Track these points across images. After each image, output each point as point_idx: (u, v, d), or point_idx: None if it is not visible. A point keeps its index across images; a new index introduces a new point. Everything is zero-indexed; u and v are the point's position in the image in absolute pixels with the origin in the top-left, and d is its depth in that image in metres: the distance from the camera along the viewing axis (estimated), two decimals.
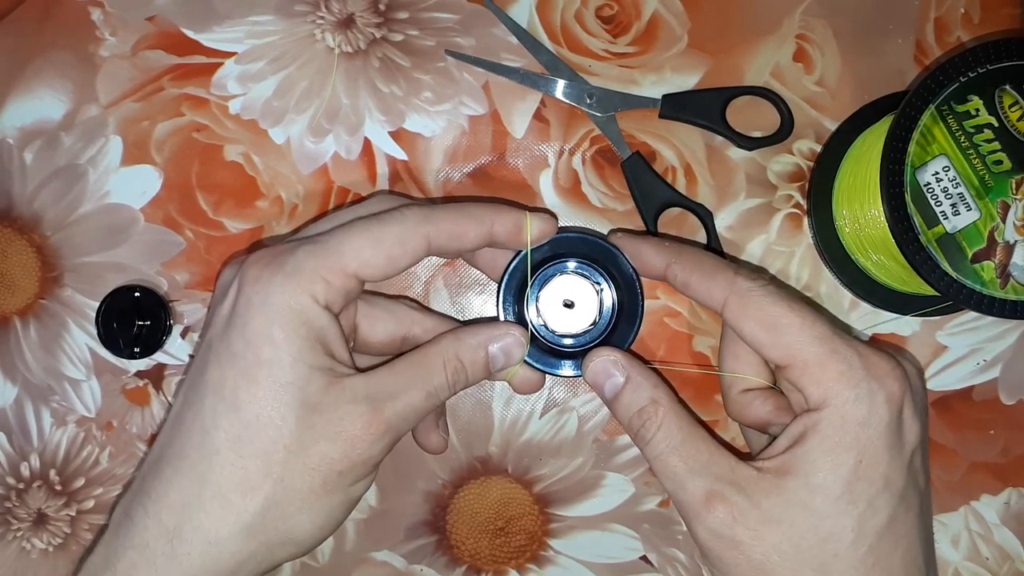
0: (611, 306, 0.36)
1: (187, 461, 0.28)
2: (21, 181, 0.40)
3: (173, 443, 0.29)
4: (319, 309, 0.29)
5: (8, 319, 0.41)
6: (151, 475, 0.29)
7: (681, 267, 0.33)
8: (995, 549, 0.41)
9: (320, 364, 0.29)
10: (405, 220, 0.30)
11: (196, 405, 0.29)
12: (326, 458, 0.28)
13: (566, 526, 0.41)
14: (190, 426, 0.29)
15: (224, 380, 0.28)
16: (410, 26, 0.40)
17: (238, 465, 0.28)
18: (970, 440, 0.40)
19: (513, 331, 0.33)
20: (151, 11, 0.40)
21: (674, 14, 0.40)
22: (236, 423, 0.28)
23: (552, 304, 0.36)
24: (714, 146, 0.40)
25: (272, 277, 0.29)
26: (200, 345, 0.31)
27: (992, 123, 0.32)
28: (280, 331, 0.28)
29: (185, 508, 0.28)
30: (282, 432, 0.28)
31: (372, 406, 0.29)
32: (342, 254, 0.29)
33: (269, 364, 0.28)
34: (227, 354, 0.28)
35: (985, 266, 0.32)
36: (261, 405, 0.28)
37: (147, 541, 0.28)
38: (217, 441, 0.28)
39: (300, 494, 0.28)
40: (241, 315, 0.29)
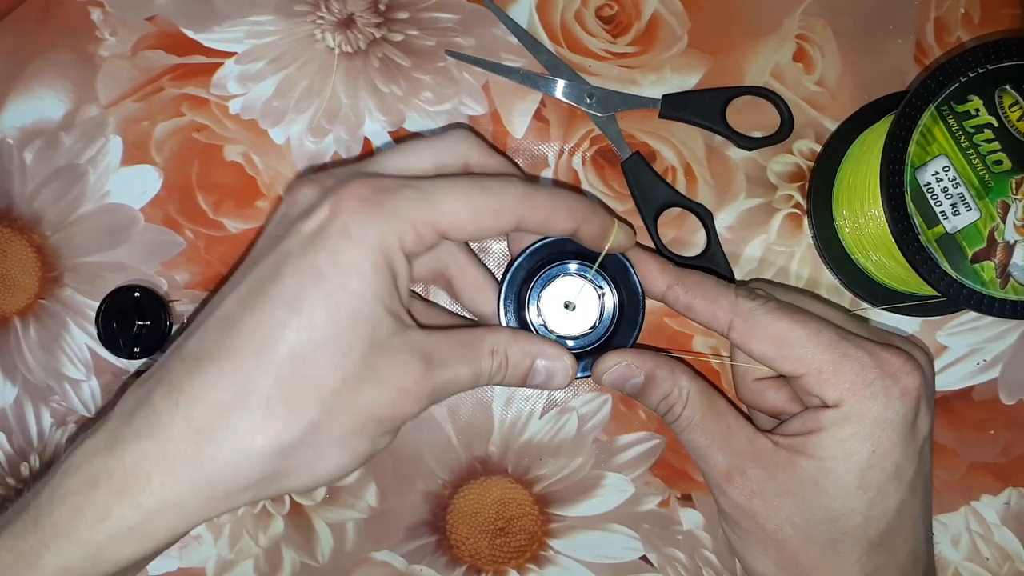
0: (612, 308, 0.36)
1: (239, 364, 0.26)
2: (21, 181, 0.40)
3: (223, 343, 0.27)
4: (403, 256, 0.28)
5: (8, 319, 0.41)
6: (187, 370, 0.27)
7: (684, 290, 0.34)
8: (995, 549, 0.41)
9: (394, 309, 0.28)
10: (507, 195, 0.29)
11: (262, 311, 0.27)
12: (373, 401, 0.28)
13: (566, 526, 0.41)
14: (251, 331, 0.27)
15: (303, 296, 0.27)
16: (410, 26, 0.40)
17: (293, 383, 0.26)
18: (970, 440, 0.40)
19: (566, 358, 0.32)
20: (151, 11, 0.40)
21: (674, 14, 0.40)
22: (305, 341, 0.26)
23: (553, 305, 0.36)
24: (714, 146, 0.40)
25: (372, 212, 0.27)
26: (263, 251, 0.29)
27: (992, 123, 0.32)
28: (370, 267, 0.27)
29: (224, 411, 0.26)
30: (345, 363, 0.27)
31: (426, 365, 0.29)
32: (441, 212, 0.28)
33: (354, 294, 0.27)
34: (312, 272, 0.27)
35: (985, 266, 0.32)
36: (336, 329, 0.27)
37: (169, 436, 0.26)
38: (280, 353, 0.26)
39: (339, 428, 0.27)
40: (334, 238, 0.27)
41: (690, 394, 0.33)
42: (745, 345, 0.33)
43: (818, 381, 0.31)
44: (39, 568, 0.25)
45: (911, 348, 0.33)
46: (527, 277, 0.35)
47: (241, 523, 0.41)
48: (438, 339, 0.30)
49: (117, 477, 0.26)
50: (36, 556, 0.25)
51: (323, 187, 0.29)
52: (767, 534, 0.32)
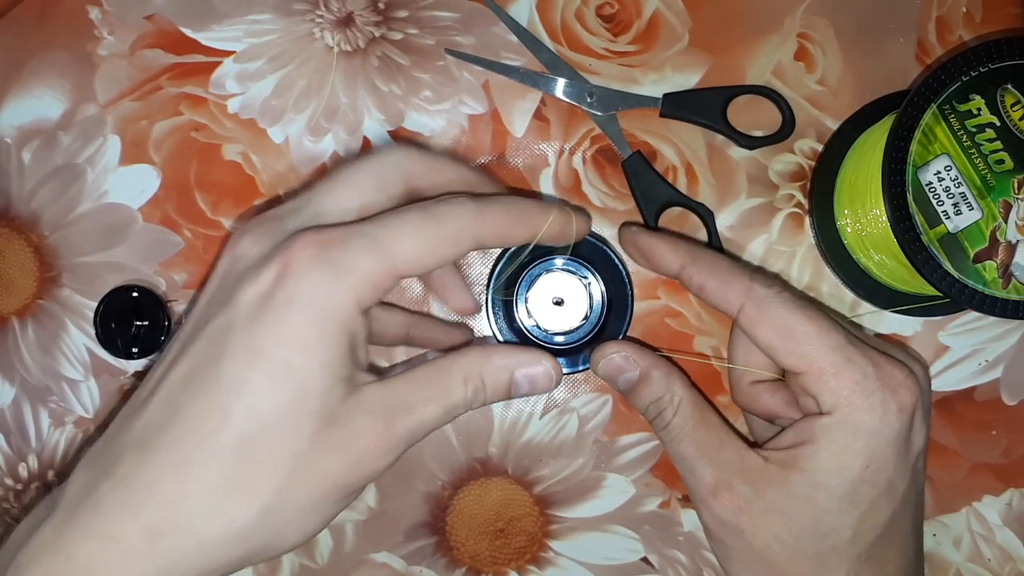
0: (601, 299, 0.36)
1: (185, 456, 0.25)
2: (19, 180, 0.40)
3: (167, 431, 0.26)
4: (358, 315, 0.27)
5: (6, 320, 0.41)
6: (132, 461, 0.26)
7: (697, 270, 0.33)
8: (997, 550, 0.41)
9: (345, 374, 0.27)
10: (460, 221, 0.28)
11: (204, 397, 0.26)
12: (332, 471, 0.27)
13: (566, 527, 0.41)
14: (194, 419, 0.26)
15: (244, 380, 0.25)
16: (409, 25, 0.40)
17: (242, 469, 0.26)
18: (972, 441, 0.40)
19: (545, 361, 0.30)
20: (149, 10, 0.40)
21: (675, 13, 0.40)
22: (250, 426, 0.25)
23: (542, 302, 0.36)
24: (715, 145, 0.40)
25: (322, 275, 0.26)
26: (205, 317, 0.27)
27: (994, 122, 0.32)
28: (317, 338, 0.26)
29: (172, 505, 0.25)
30: (295, 442, 0.26)
31: (386, 420, 0.27)
32: (396, 256, 0.27)
33: (298, 371, 0.26)
34: (251, 352, 0.26)
35: (987, 266, 0.32)
36: (281, 411, 0.26)
37: (117, 535, 0.25)
38: (226, 441, 0.25)
39: (298, 505, 0.26)
40: (278, 310, 0.26)
41: (682, 402, 0.32)
42: (752, 331, 0.32)
43: (818, 382, 0.31)
44: None
45: (910, 361, 0.32)
46: (514, 275, 0.35)
47: None
48: (398, 386, 0.28)
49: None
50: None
51: (266, 239, 0.28)
52: (753, 550, 0.31)
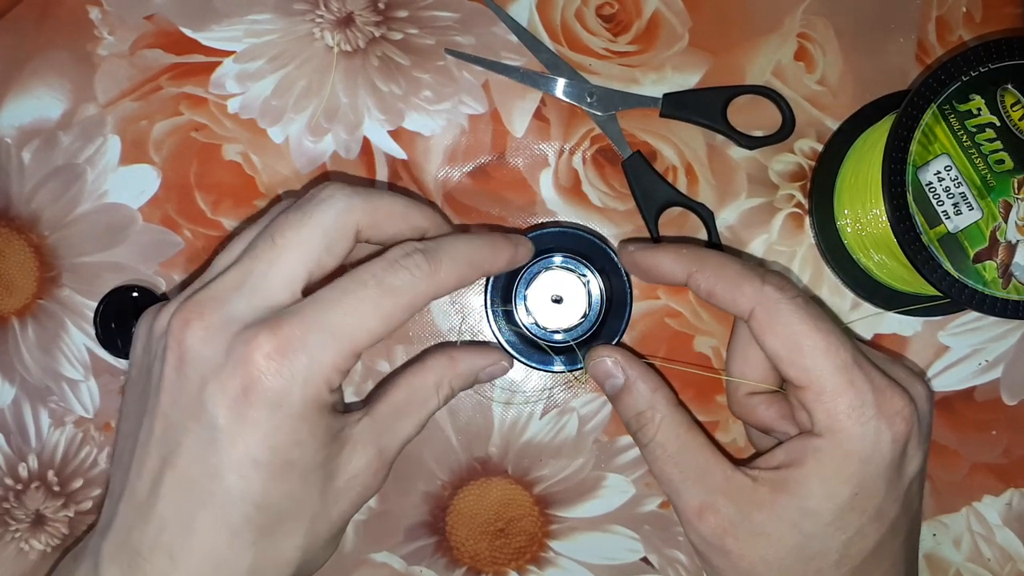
0: (599, 299, 0.36)
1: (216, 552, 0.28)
2: (19, 180, 0.40)
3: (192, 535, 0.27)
4: (332, 392, 0.28)
5: (6, 319, 0.41)
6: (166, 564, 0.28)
7: (705, 277, 0.32)
8: (997, 550, 0.41)
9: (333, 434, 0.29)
10: (416, 287, 0.29)
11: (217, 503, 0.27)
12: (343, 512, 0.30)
13: (567, 527, 0.41)
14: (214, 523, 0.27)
15: (250, 483, 0.27)
16: (409, 25, 0.40)
17: (270, 548, 0.28)
18: (972, 441, 0.40)
19: (503, 362, 0.35)
20: (149, 10, 0.40)
21: (675, 13, 0.40)
22: (267, 520, 0.28)
23: (541, 300, 0.36)
24: (715, 145, 0.40)
25: (290, 376, 0.27)
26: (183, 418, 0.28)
27: (994, 122, 0.32)
28: (303, 428, 0.28)
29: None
30: (309, 509, 0.29)
31: (377, 448, 0.30)
32: (355, 338, 0.28)
33: (296, 462, 0.28)
34: (248, 457, 0.27)
35: (987, 266, 0.32)
36: (290, 498, 0.28)
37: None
38: (248, 534, 0.28)
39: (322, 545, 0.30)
40: (259, 413, 0.27)
41: (664, 421, 0.32)
42: (760, 337, 0.31)
43: (816, 399, 0.30)
44: None
45: (911, 383, 0.32)
46: (512, 274, 0.36)
47: None
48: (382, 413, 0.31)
49: None
50: None
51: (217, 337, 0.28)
52: (739, 571, 0.31)
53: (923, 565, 0.41)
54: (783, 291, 0.31)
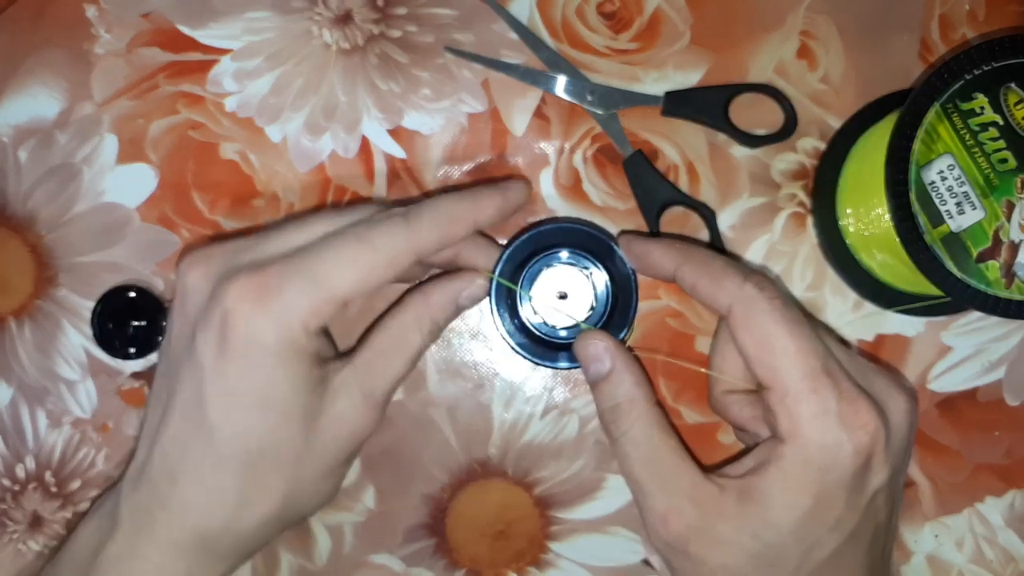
0: (604, 294, 0.36)
1: (206, 480, 0.30)
2: (15, 180, 0.40)
3: (186, 462, 0.30)
4: (311, 337, 0.30)
5: (3, 320, 0.40)
6: (168, 484, 0.31)
7: (690, 270, 0.33)
8: (999, 551, 0.40)
9: (315, 380, 0.30)
10: (393, 244, 0.30)
11: (203, 436, 0.30)
12: (331, 452, 0.31)
13: (567, 529, 0.40)
14: (201, 452, 0.30)
15: (230, 418, 0.29)
16: (408, 22, 0.40)
17: (256, 480, 0.30)
18: (975, 441, 0.40)
19: (478, 279, 0.34)
20: (146, 8, 0.40)
21: (676, 10, 0.40)
22: (248, 452, 0.30)
23: (547, 298, 0.36)
24: (717, 144, 0.40)
25: (265, 317, 0.29)
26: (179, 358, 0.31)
27: (997, 121, 0.32)
28: (279, 369, 0.29)
29: (211, 515, 0.30)
30: (292, 447, 0.30)
31: (363, 392, 0.31)
32: (332, 286, 0.29)
33: (273, 399, 0.29)
34: (228, 392, 0.29)
35: (990, 265, 0.32)
36: (270, 434, 0.30)
37: (176, 539, 0.30)
38: (233, 466, 0.30)
39: (311, 483, 0.31)
40: (238, 355, 0.29)
41: (639, 421, 0.32)
42: (734, 333, 0.31)
43: (780, 403, 0.30)
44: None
45: (889, 395, 0.31)
46: (517, 269, 0.35)
47: None
48: (364, 358, 0.32)
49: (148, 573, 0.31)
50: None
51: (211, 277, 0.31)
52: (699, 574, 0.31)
53: (925, 566, 0.41)
54: (762, 290, 0.31)
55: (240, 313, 0.29)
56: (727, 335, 0.33)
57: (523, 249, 0.36)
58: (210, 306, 0.30)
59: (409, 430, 0.40)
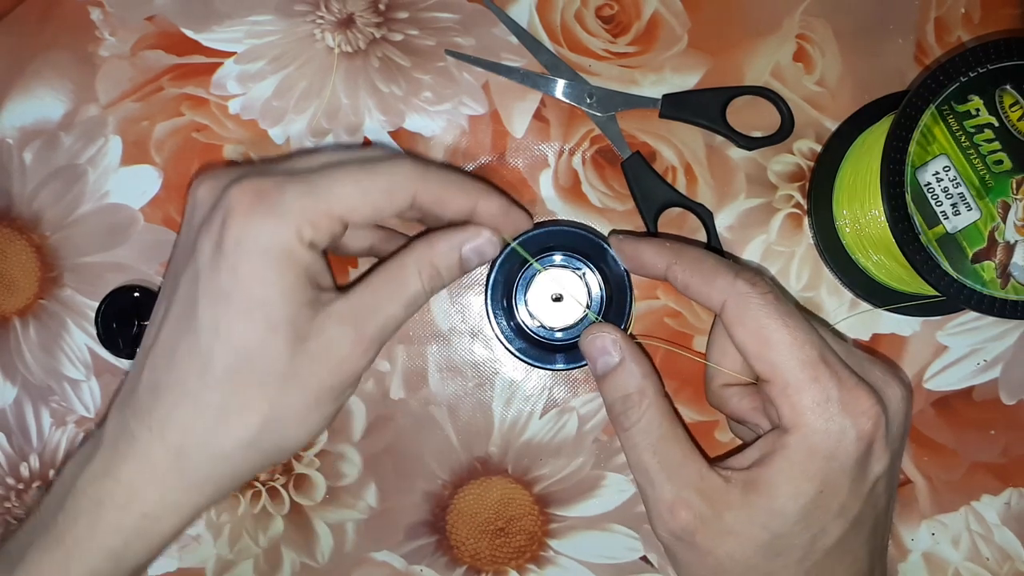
0: (599, 296, 0.36)
1: (188, 389, 0.29)
2: (21, 181, 0.40)
3: (171, 371, 0.30)
4: (305, 248, 0.29)
5: (8, 319, 0.41)
6: (150, 399, 0.30)
7: (681, 268, 0.33)
8: (996, 549, 0.41)
9: (307, 298, 0.30)
10: (396, 173, 0.31)
11: (190, 340, 0.29)
12: (317, 379, 0.30)
13: (566, 526, 0.41)
14: (186, 360, 0.30)
15: (218, 320, 0.29)
16: (410, 26, 0.40)
17: (237, 393, 0.29)
18: (970, 440, 0.40)
19: (484, 232, 0.33)
20: (150, 11, 0.40)
21: (674, 14, 0.40)
22: (233, 359, 0.29)
23: (541, 299, 0.36)
24: (714, 146, 0.40)
25: (262, 217, 0.29)
26: (180, 265, 0.31)
27: (992, 123, 0.32)
28: (270, 271, 0.29)
29: (189, 429, 0.29)
30: (276, 362, 0.29)
31: (355, 326, 0.30)
32: (329, 199, 0.30)
33: (261, 303, 0.29)
34: (218, 293, 0.29)
35: (985, 266, 0.32)
36: (256, 343, 0.29)
37: (150, 456, 0.30)
38: (216, 374, 0.29)
39: (294, 410, 0.30)
40: (230, 254, 0.29)
41: (650, 408, 0.32)
42: (730, 329, 0.32)
43: (781, 394, 0.30)
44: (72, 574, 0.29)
45: (886, 383, 0.32)
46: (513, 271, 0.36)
47: (241, 523, 0.41)
48: (360, 294, 0.31)
49: (118, 495, 0.30)
50: (65, 566, 0.29)
51: (219, 188, 0.31)
52: (707, 567, 0.31)
53: (921, 564, 0.41)
54: (754, 286, 0.31)
55: (238, 212, 0.29)
56: (723, 329, 0.34)
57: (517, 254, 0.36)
58: (213, 210, 0.30)
59: (410, 428, 0.40)
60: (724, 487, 0.31)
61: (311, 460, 0.41)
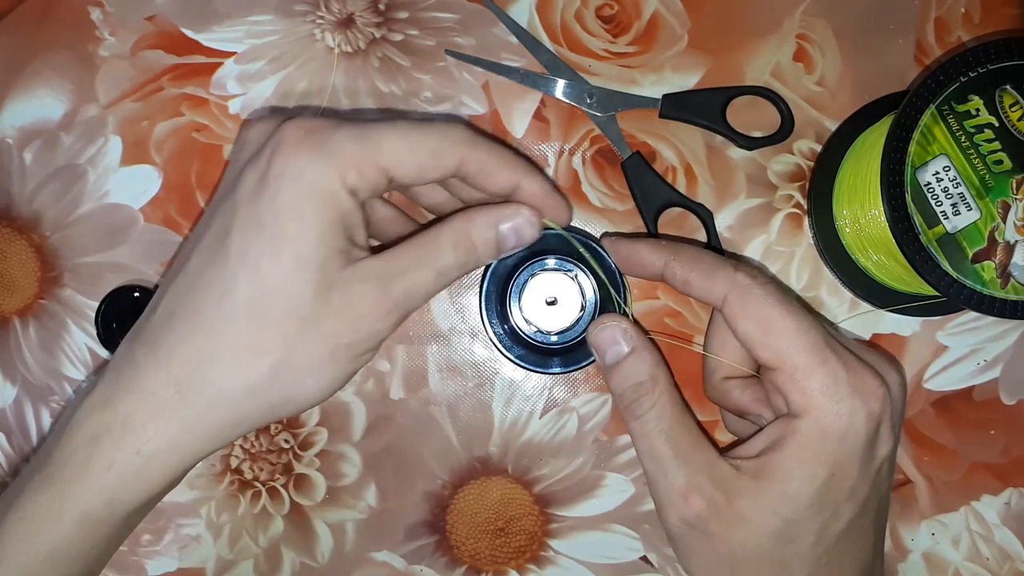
0: (593, 298, 0.36)
1: (203, 318, 0.29)
2: (20, 181, 0.40)
3: (188, 300, 0.29)
4: (346, 194, 0.29)
5: (8, 319, 0.41)
6: (162, 328, 0.29)
7: (680, 265, 0.33)
8: (995, 549, 0.41)
9: (339, 246, 0.29)
10: (446, 135, 0.30)
11: (216, 267, 0.29)
12: (335, 331, 0.29)
13: (566, 526, 0.41)
14: (208, 286, 0.29)
15: (248, 248, 0.28)
16: (410, 26, 0.40)
17: (253, 329, 0.28)
18: (970, 440, 0.40)
19: (523, 211, 0.32)
20: (150, 11, 0.40)
21: (674, 14, 0.40)
22: (256, 290, 0.28)
23: (535, 303, 0.36)
24: (714, 146, 0.40)
25: (309, 153, 0.28)
26: (220, 200, 0.30)
27: (992, 123, 0.32)
28: (309, 208, 0.28)
29: (197, 362, 0.29)
30: (298, 304, 0.28)
31: (381, 285, 0.29)
32: (379, 148, 0.29)
33: (294, 239, 0.28)
34: (254, 223, 0.28)
35: (985, 266, 0.32)
36: (282, 277, 0.28)
37: (154, 388, 0.29)
38: (236, 304, 0.28)
39: (307, 360, 0.29)
40: (272, 185, 0.28)
41: (662, 396, 0.32)
42: (733, 321, 0.32)
43: (789, 380, 0.31)
44: (63, 516, 0.28)
45: (885, 368, 0.32)
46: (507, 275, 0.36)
47: (241, 523, 0.41)
48: (391, 256, 0.30)
49: (115, 429, 0.28)
50: (58, 507, 0.28)
51: (272, 127, 0.30)
52: (719, 555, 0.31)
53: (922, 564, 0.41)
54: (754, 278, 0.32)
55: (287, 145, 0.29)
56: (721, 323, 0.34)
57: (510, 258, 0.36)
58: (263, 146, 0.30)
59: (410, 428, 0.40)
60: (735, 475, 0.31)
61: (311, 460, 0.41)
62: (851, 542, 0.31)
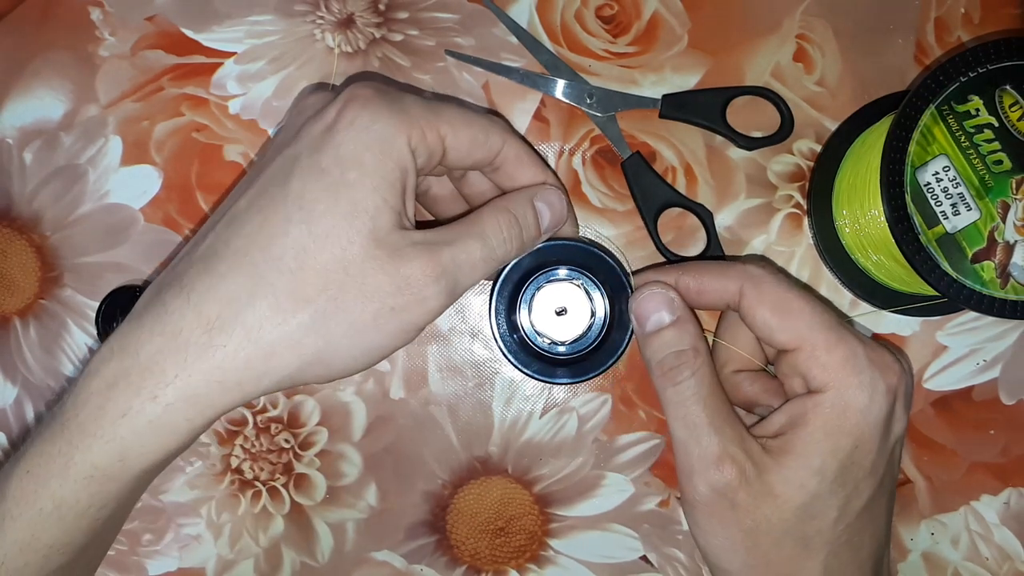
0: (603, 312, 0.36)
1: (247, 259, 0.28)
2: (20, 181, 0.40)
3: (232, 242, 0.28)
4: (408, 153, 0.29)
5: (8, 319, 0.41)
6: (198, 269, 0.28)
7: (691, 276, 0.34)
8: (995, 549, 0.41)
9: (394, 205, 0.29)
10: (493, 122, 0.32)
11: (268, 210, 0.28)
12: (381, 290, 0.28)
13: (566, 526, 0.41)
14: (256, 228, 0.28)
15: (305, 191, 0.28)
16: (410, 26, 0.40)
17: (298, 274, 0.27)
18: (970, 440, 0.40)
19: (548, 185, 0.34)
20: (150, 11, 0.40)
21: (674, 14, 0.40)
22: (306, 234, 0.28)
23: (545, 312, 0.36)
24: (714, 146, 0.40)
25: (381, 107, 0.29)
26: (274, 153, 0.30)
27: (992, 123, 0.32)
28: (371, 159, 0.28)
29: (233, 302, 0.27)
30: (347, 254, 0.28)
31: (429, 250, 0.29)
32: (440, 115, 0.30)
33: (352, 186, 0.28)
34: (316, 169, 0.28)
35: (985, 266, 0.32)
36: (335, 223, 0.28)
37: (180, 329, 0.27)
38: (284, 246, 0.28)
39: (349, 318, 0.28)
40: (339, 134, 0.29)
41: (703, 366, 0.33)
42: (751, 311, 0.32)
43: (810, 358, 0.31)
44: (70, 468, 0.26)
45: (895, 351, 0.33)
46: (517, 284, 0.35)
47: (241, 523, 0.41)
48: (440, 229, 0.30)
49: (134, 374, 0.27)
50: (66, 457, 0.27)
51: (329, 95, 0.31)
52: (743, 528, 0.31)
53: (921, 564, 0.41)
54: (765, 268, 0.33)
55: (360, 98, 0.29)
56: (730, 320, 0.35)
57: (521, 266, 0.36)
58: (328, 105, 0.30)
59: (411, 428, 0.40)
60: (760, 451, 0.32)
61: (311, 460, 0.41)
62: (870, 520, 0.32)
